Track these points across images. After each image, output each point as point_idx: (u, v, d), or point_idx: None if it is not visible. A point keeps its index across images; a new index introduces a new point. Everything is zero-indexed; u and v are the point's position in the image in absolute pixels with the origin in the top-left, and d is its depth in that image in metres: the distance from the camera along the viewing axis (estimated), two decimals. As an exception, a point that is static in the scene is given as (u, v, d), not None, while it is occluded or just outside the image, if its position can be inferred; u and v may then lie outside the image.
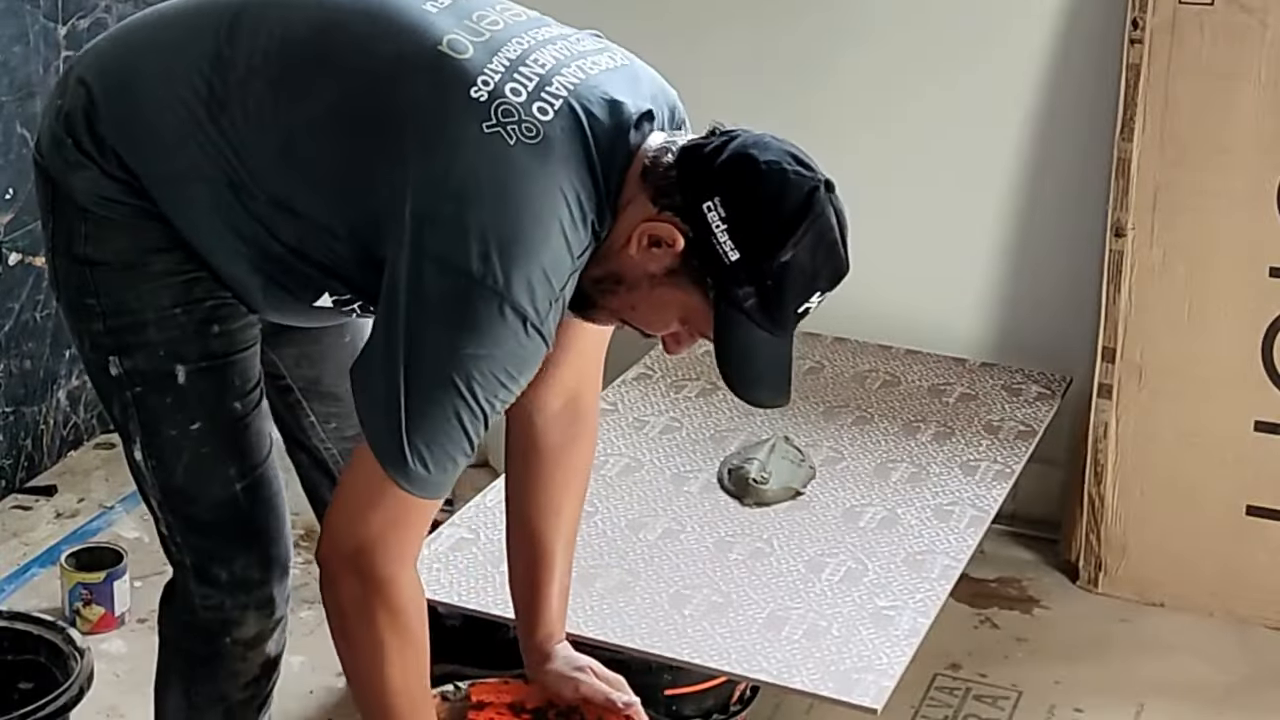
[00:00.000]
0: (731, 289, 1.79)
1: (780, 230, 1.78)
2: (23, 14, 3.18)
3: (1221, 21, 3.00)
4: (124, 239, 1.97)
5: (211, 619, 2.09)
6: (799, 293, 1.81)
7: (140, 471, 2.06)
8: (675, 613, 2.52)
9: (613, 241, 1.84)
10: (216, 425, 2.02)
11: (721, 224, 1.77)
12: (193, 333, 1.99)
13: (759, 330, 1.82)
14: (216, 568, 2.06)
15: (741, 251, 1.77)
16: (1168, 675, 2.97)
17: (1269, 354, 3.06)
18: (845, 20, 3.35)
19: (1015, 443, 3.06)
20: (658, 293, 1.84)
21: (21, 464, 3.38)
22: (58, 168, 1.99)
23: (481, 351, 1.77)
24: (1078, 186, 3.27)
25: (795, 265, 1.78)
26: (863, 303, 3.44)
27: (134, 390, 2.01)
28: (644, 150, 1.84)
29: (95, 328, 2.02)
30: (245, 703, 2.16)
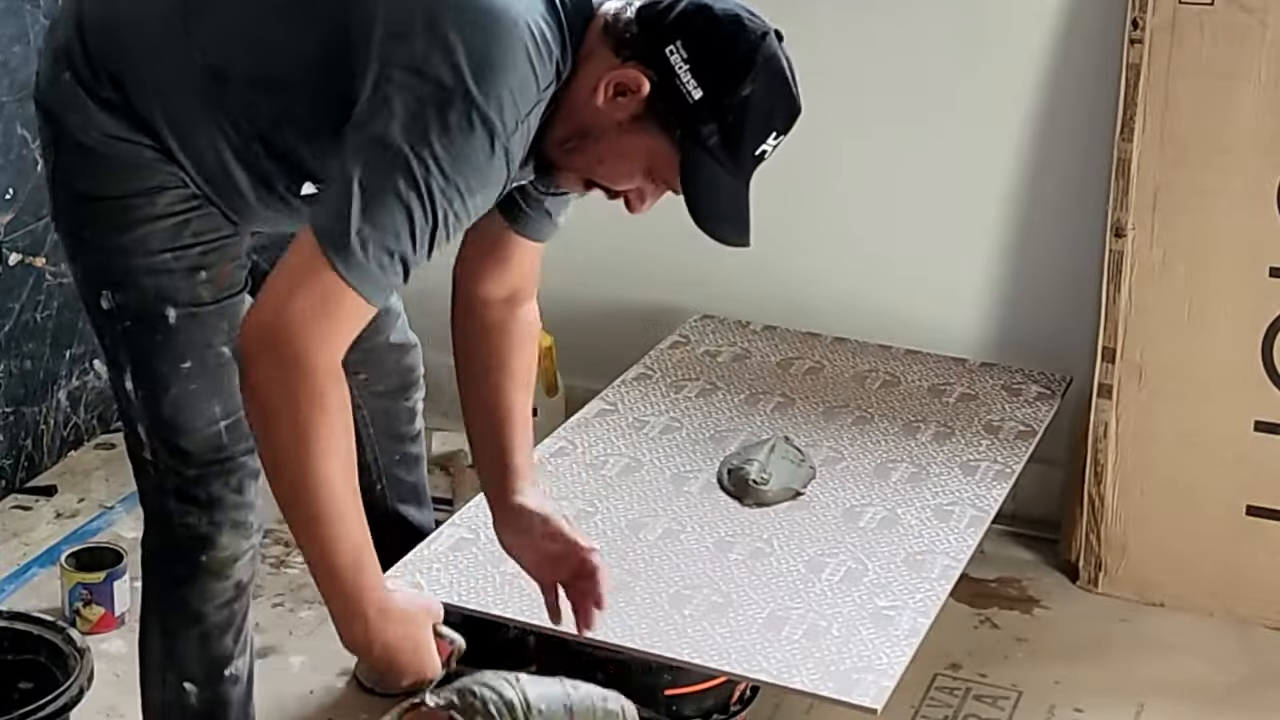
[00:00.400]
0: (696, 127, 1.87)
1: (739, 66, 1.87)
2: (23, 14, 3.19)
3: (1221, 21, 3.00)
4: (119, 176, 2.05)
5: (188, 537, 2.18)
6: (758, 130, 1.89)
7: (129, 399, 2.15)
8: (675, 613, 2.52)
9: (577, 95, 1.90)
10: (204, 366, 2.11)
11: (684, 64, 1.86)
12: (182, 278, 2.08)
13: (722, 170, 1.89)
14: (195, 489, 2.16)
15: (704, 89, 1.86)
16: (1168, 675, 2.97)
17: (1269, 354, 3.06)
18: (845, 20, 3.35)
19: (1015, 443, 3.06)
20: (624, 140, 1.91)
21: (21, 464, 3.38)
22: (56, 104, 2.09)
23: (445, 151, 1.80)
24: (1078, 186, 3.27)
25: (754, 101, 1.87)
26: (863, 303, 3.45)
27: (124, 324, 2.11)
28: (603, 10, 1.92)
29: (89, 261, 2.12)
30: (221, 627, 2.25)
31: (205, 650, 2.26)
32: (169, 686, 2.29)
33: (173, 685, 2.29)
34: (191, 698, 2.29)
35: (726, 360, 3.33)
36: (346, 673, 2.84)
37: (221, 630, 2.25)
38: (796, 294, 3.49)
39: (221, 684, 2.29)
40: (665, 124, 1.88)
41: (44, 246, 3.31)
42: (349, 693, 2.81)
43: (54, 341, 3.39)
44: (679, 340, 3.41)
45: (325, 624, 2.18)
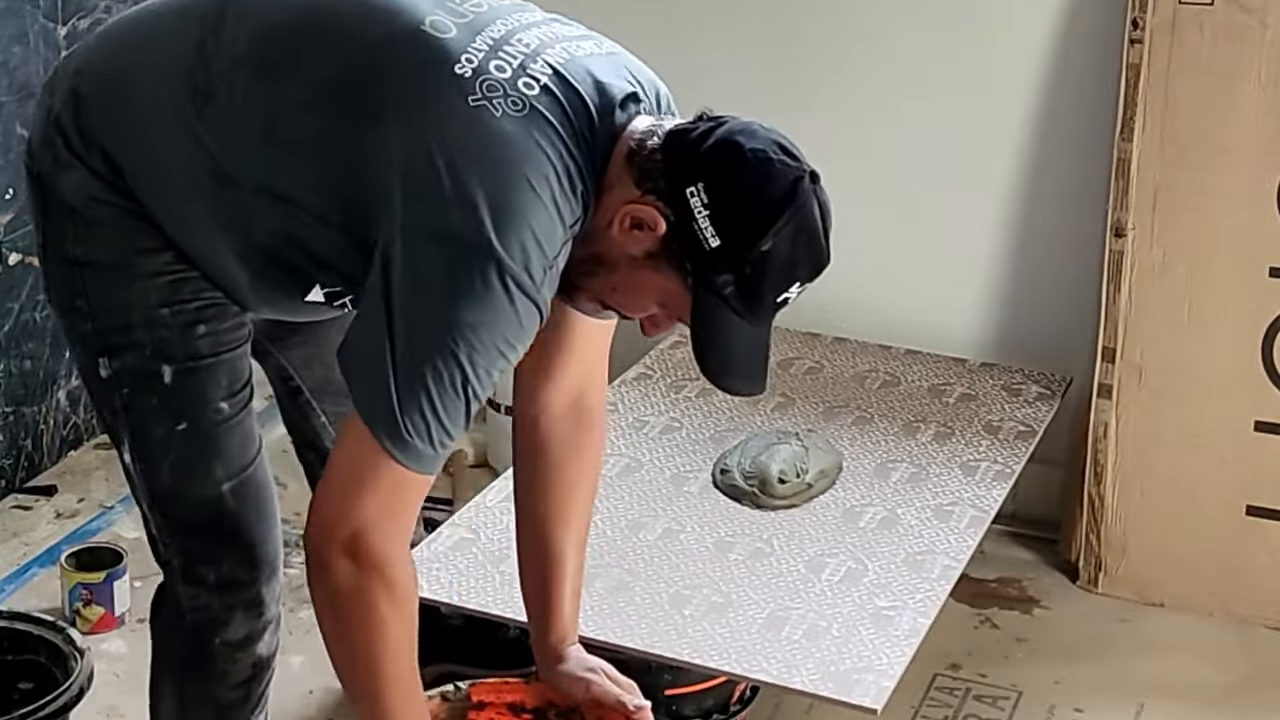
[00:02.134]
0: (710, 276, 1.80)
1: (762, 219, 1.79)
2: (23, 14, 3.19)
3: (1221, 21, 3.00)
4: (111, 239, 1.97)
5: (199, 620, 2.09)
6: (778, 282, 1.82)
7: (130, 474, 2.07)
8: (675, 613, 2.52)
9: (596, 222, 1.85)
10: (202, 426, 2.02)
11: (704, 210, 1.78)
12: (179, 333, 1.99)
13: (736, 317, 1.82)
14: (203, 568, 2.06)
15: (722, 239, 1.78)
16: (1168, 675, 2.97)
17: (1269, 354, 3.06)
18: (845, 20, 3.35)
19: (1015, 443, 3.06)
20: (637, 275, 1.85)
21: (21, 464, 3.38)
22: (47, 168, 2.00)
23: (477, 318, 1.77)
24: (1078, 186, 3.27)
25: (775, 255, 1.79)
26: (863, 303, 3.45)
27: (122, 391, 2.02)
28: (630, 132, 1.85)
29: (84, 328, 2.03)
30: (237, 704, 2.15)
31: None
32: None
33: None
34: None
35: (726, 360, 3.33)
36: (346, 673, 2.84)
37: (238, 706, 2.16)
38: (796, 294, 3.49)
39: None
40: (679, 266, 1.81)
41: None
42: (349, 693, 2.81)
43: (54, 341, 3.39)
44: (679, 340, 3.40)
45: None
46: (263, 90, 1.89)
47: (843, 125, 3.39)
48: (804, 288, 1.85)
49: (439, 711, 2.20)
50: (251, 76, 1.89)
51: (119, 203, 1.96)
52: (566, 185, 1.80)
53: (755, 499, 2.81)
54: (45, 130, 2.00)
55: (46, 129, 2.00)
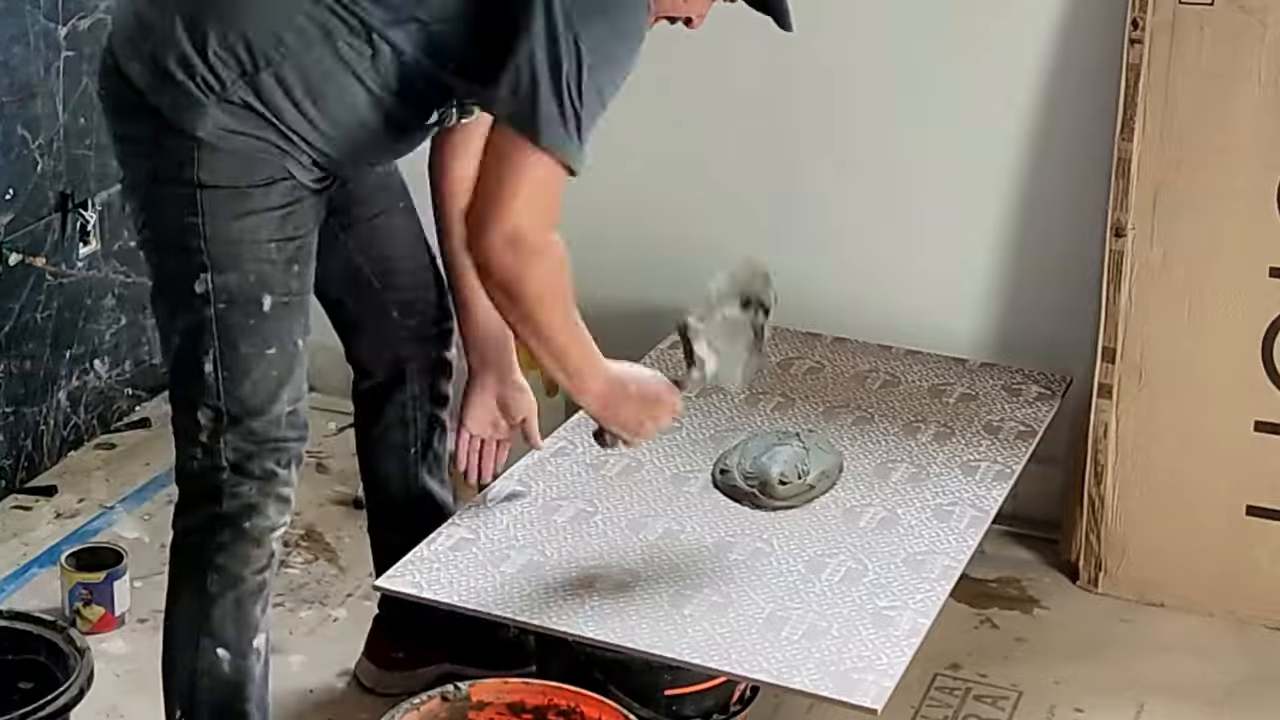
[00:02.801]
0: None
1: None
2: (23, 14, 3.18)
3: (1221, 21, 3.00)
4: (238, 167, 2.19)
5: (239, 506, 2.31)
6: None
7: (203, 379, 2.26)
8: (675, 613, 2.52)
9: None
10: (285, 354, 2.28)
11: None
12: (280, 268, 2.24)
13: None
14: (253, 464, 2.30)
15: None
16: (1168, 675, 2.97)
17: (1269, 354, 3.06)
18: (845, 20, 3.35)
19: (1015, 443, 3.06)
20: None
21: (21, 464, 3.38)
22: (167, 104, 2.18)
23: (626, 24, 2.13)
24: (1078, 186, 3.26)
25: None
26: (863, 303, 3.45)
27: (218, 307, 2.23)
28: None
29: (194, 244, 2.21)
30: (254, 594, 2.36)
31: (240, 615, 2.35)
32: (202, 653, 2.36)
33: (206, 651, 2.35)
34: (224, 664, 2.36)
35: (726, 360, 3.33)
36: (346, 673, 2.84)
37: (254, 597, 2.36)
38: (796, 294, 3.48)
39: (248, 655, 2.38)
40: None
41: (44, 246, 3.31)
42: (349, 693, 2.81)
43: (54, 341, 3.39)
44: (679, 340, 3.40)
45: (325, 624, 2.18)
46: None
47: (842, 126, 3.39)
48: None
49: (439, 711, 2.20)
50: None
51: (249, 131, 2.17)
52: None
53: (755, 500, 2.81)
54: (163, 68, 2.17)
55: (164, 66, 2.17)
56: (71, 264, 3.39)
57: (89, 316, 3.47)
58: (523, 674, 2.45)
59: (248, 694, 2.39)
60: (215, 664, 2.36)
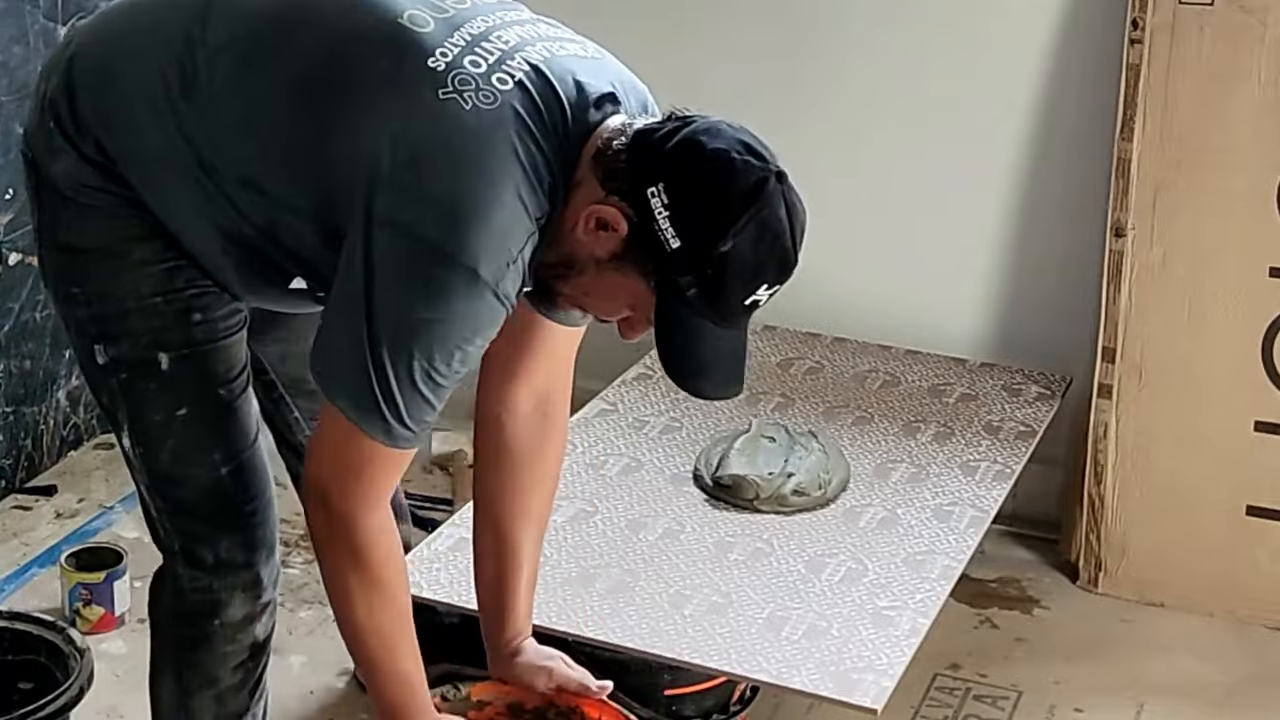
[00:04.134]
0: (672, 277, 1.78)
1: (722, 220, 1.76)
2: (23, 14, 3.19)
3: (1221, 21, 3.00)
4: (104, 227, 1.99)
5: (200, 601, 2.11)
6: (743, 284, 1.79)
7: (129, 457, 2.09)
8: (675, 613, 2.52)
9: (565, 222, 1.84)
10: (201, 411, 2.04)
11: (664, 210, 1.76)
12: (174, 321, 2.01)
13: (703, 320, 1.81)
14: (203, 550, 2.09)
15: (682, 240, 1.76)
16: (1168, 675, 2.97)
17: (1269, 354, 3.06)
18: (845, 20, 3.35)
19: (1015, 443, 3.06)
20: (605, 278, 1.84)
21: (21, 464, 3.38)
22: (41, 153, 2.03)
23: (438, 316, 1.79)
24: (1078, 186, 3.27)
25: (737, 256, 1.77)
26: (863, 303, 3.45)
27: (119, 377, 2.04)
28: (601, 130, 1.85)
29: (80, 315, 2.05)
30: (236, 687, 2.18)
31: (221, 708, 2.19)
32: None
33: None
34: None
35: (726, 360, 3.33)
36: (346, 673, 2.84)
37: (237, 689, 2.19)
38: (796, 294, 3.47)
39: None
40: (644, 267, 1.80)
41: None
42: (349, 693, 2.81)
43: (54, 341, 3.39)
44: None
45: (325, 624, 2.18)
46: (242, 79, 1.91)
47: (843, 126, 3.39)
48: (775, 289, 1.82)
49: (440, 711, 2.20)
50: (232, 65, 1.91)
51: (112, 189, 1.98)
52: (533, 179, 1.81)
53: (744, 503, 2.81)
54: (40, 115, 2.03)
55: (41, 114, 2.02)
56: (71, 264, 3.39)
57: (89, 316, 3.47)
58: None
59: None
60: None
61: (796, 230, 1.81)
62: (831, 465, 2.87)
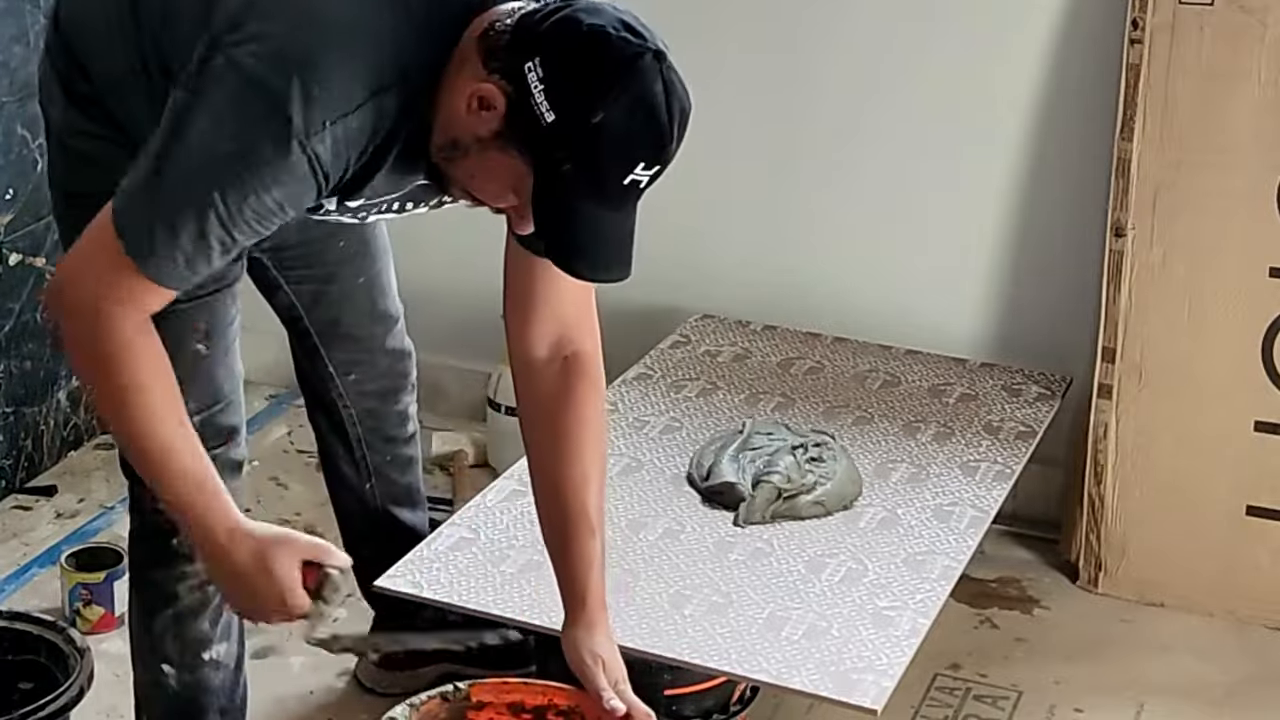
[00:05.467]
0: (548, 152, 1.80)
1: (593, 91, 1.78)
2: (23, 14, 3.19)
3: (1221, 21, 3.00)
4: (97, 173, 2.01)
5: (161, 521, 2.19)
6: (618, 160, 1.80)
7: None
8: (675, 613, 2.52)
9: (449, 103, 1.86)
10: (178, 364, 2.03)
11: (539, 84, 1.78)
12: None
13: (584, 201, 1.82)
14: None
15: (556, 113, 1.78)
16: (1168, 675, 2.97)
17: (1269, 354, 3.06)
18: (844, 20, 3.35)
19: (1015, 443, 3.06)
20: (488, 158, 1.85)
21: (21, 464, 3.38)
22: (45, 99, 2.15)
23: (236, 146, 1.81)
24: (1078, 186, 3.27)
25: (609, 129, 1.78)
26: (863, 303, 3.45)
27: None
28: (490, 14, 1.87)
29: None
30: (194, 610, 2.28)
31: (181, 631, 2.29)
32: (148, 668, 2.34)
33: (151, 667, 2.34)
34: (170, 680, 2.32)
35: (726, 360, 3.33)
36: (346, 673, 2.84)
37: (195, 613, 2.28)
38: (796, 294, 3.49)
39: (200, 669, 2.32)
40: (523, 145, 1.82)
41: (44, 246, 3.31)
42: (349, 693, 2.81)
43: (54, 341, 3.39)
44: (679, 340, 3.41)
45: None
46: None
47: (843, 126, 3.39)
48: (654, 170, 1.83)
49: (439, 711, 2.20)
50: None
51: (97, 133, 2.06)
52: (391, 50, 1.83)
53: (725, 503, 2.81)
54: (43, 60, 2.14)
55: (43, 61, 2.14)
56: (71, 264, 3.39)
57: (89, 316, 3.46)
58: (523, 674, 2.45)
59: (205, 705, 2.34)
60: (162, 679, 2.33)
61: (674, 108, 1.82)
62: (854, 477, 2.86)
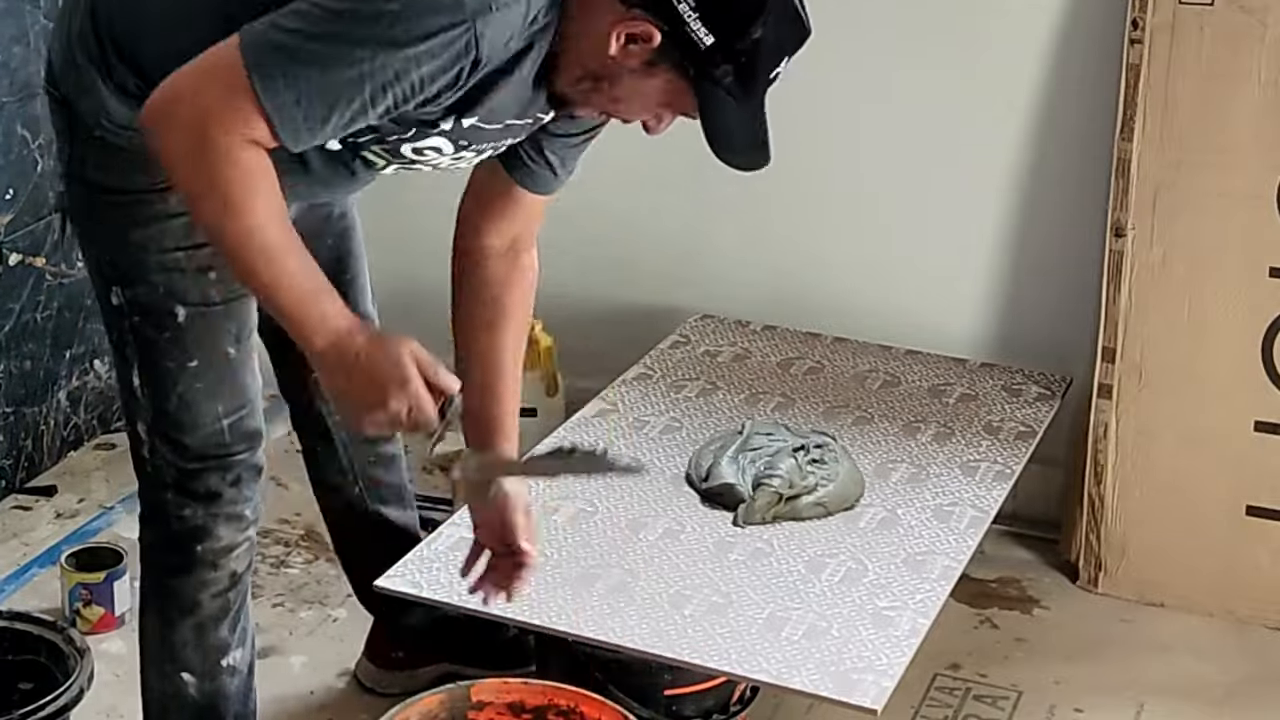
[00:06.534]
0: (710, 70, 1.90)
1: (748, 11, 1.89)
2: (23, 14, 3.19)
3: (1221, 21, 3.00)
4: (133, 168, 2.03)
5: (185, 529, 2.20)
6: (770, 63, 1.94)
7: (134, 394, 2.17)
8: (675, 613, 2.52)
9: (583, 42, 1.92)
10: (211, 365, 2.13)
11: (692, 12, 1.87)
12: (192, 277, 2.09)
13: (734, 101, 1.93)
14: (194, 483, 2.19)
15: (715, 35, 1.88)
16: (1168, 675, 2.97)
17: (1269, 354, 3.06)
18: (843, 20, 3.34)
19: (1015, 443, 3.06)
20: (641, 83, 1.94)
21: (21, 464, 3.38)
22: (71, 90, 2.07)
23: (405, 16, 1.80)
24: (1077, 186, 3.27)
25: (766, 39, 1.91)
26: (863, 303, 3.45)
27: (132, 320, 2.12)
28: None
29: (100, 255, 2.12)
30: (216, 617, 2.27)
31: (201, 640, 2.28)
32: (167, 678, 2.31)
33: (171, 676, 2.31)
34: (190, 689, 2.30)
35: (726, 360, 3.33)
36: (346, 673, 2.84)
37: (216, 620, 2.28)
38: (796, 294, 3.49)
39: (219, 676, 2.31)
40: (680, 68, 1.91)
41: (44, 246, 3.31)
42: (349, 693, 2.81)
43: (54, 341, 3.39)
44: (679, 340, 3.41)
45: (325, 624, 2.18)
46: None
47: (843, 126, 3.39)
48: (790, 60, 1.96)
49: (439, 711, 2.20)
50: None
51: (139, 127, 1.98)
52: None
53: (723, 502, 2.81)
54: (67, 51, 2.06)
55: (68, 50, 2.06)
56: (71, 264, 3.39)
57: (89, 316, 3.46)
58: (523, 674, 2.45)
59: (223, 711, 2.34)
60: (182, 689, 2.31)
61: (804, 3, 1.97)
62: (855, 478, 2.86)
